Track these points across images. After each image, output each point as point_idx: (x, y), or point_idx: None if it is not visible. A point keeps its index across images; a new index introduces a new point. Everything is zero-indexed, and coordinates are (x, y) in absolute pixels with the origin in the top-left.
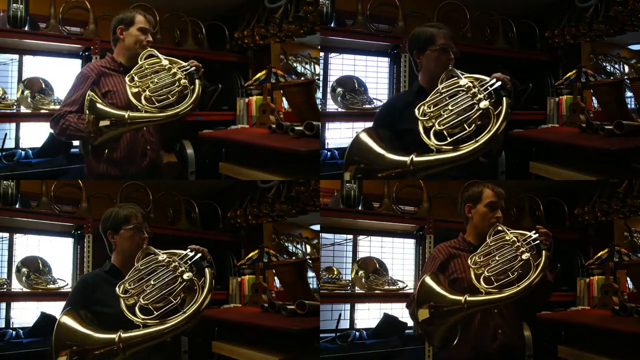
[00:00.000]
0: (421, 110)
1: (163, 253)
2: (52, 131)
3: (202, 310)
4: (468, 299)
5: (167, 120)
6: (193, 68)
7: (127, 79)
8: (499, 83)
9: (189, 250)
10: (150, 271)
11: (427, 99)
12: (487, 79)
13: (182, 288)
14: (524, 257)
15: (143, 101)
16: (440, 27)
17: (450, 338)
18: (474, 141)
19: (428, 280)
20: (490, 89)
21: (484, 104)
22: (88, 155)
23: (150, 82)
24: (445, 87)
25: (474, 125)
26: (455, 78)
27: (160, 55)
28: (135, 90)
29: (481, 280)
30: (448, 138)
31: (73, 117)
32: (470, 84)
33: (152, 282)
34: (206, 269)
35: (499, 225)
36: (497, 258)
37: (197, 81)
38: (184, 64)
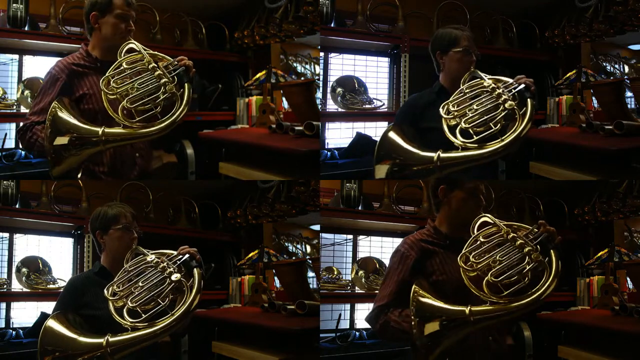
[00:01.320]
0: (445, 108)
1: (152, 253)
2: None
3: (192, 312)
4: (473, 309)
5: (149, 138)
6: (182, 68)
7: (102, 83)
8: (523, 85)
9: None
10: (139, 272)
11: (451, 98)
12: (511, 80)
13: (171, 289)
14: (533, 257)
15: (120, 113)
16: (464, 29)
17: (443, 355)
18: (499, 140)
19: (422, 295)
20: (514, 91)
21: (509, 104)
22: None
23: (129, 89)
24: (468, 87)
25: (499, 124)
26: (479, 79)
27: (142, 49)
28: (113, 97)
29: (484, 286)
30: (474, 136)
31: (41, 131)
32: (494, 85)
33: (140, 283)
34: (195, 269)
35: (485, 215)
36: (498, 259)
37: (186, 85)
38: (171, 60)
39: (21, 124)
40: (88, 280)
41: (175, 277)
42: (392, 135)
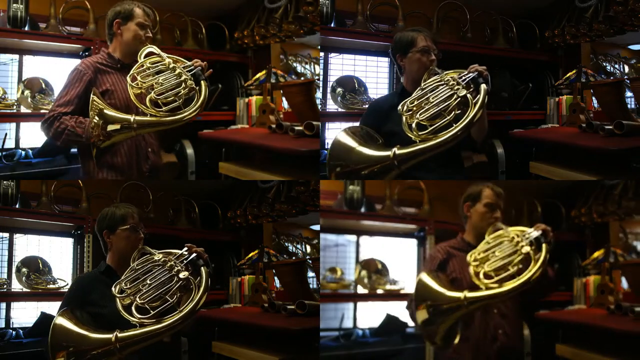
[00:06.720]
0: (405, 106)
1: (159, 253)
2: (44, 134)
3: (198, 309)
4: (467, 295)
5: (174, 125)
6: (198, 68)
7: (128, 78)
8: (475, 73)
9: (185, 249)
10: (146, 271)
11: (411, 96)
12: (466, 71)
13: (179, 287)
14: (523, 250)
15: (148, 104)
16: (421, 30)
17: (452, 337)
18: (453, 127)
19: (425, 278)
20: (467, 79)
21: (462, 92)
22: (87, 161)
23: (154, 83)
24: (427, 84)
25: (453, 113)
26: (437, 75)
27: (161, 53)
28: (138, 91)
29: (481, 275)
30: (429, 128)
31: (70, 120)
32: (450, 78)
33: (148, 281)
34: (202, 267)
35: (498, 223)
36: (496, 253)
37: (202, 82)
38: (188, 63)
39: (46, 116)
40: (94, 279)
41: (183, 274)
42: (342, 137)
